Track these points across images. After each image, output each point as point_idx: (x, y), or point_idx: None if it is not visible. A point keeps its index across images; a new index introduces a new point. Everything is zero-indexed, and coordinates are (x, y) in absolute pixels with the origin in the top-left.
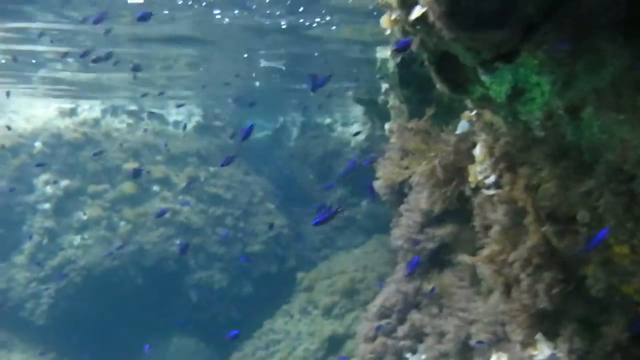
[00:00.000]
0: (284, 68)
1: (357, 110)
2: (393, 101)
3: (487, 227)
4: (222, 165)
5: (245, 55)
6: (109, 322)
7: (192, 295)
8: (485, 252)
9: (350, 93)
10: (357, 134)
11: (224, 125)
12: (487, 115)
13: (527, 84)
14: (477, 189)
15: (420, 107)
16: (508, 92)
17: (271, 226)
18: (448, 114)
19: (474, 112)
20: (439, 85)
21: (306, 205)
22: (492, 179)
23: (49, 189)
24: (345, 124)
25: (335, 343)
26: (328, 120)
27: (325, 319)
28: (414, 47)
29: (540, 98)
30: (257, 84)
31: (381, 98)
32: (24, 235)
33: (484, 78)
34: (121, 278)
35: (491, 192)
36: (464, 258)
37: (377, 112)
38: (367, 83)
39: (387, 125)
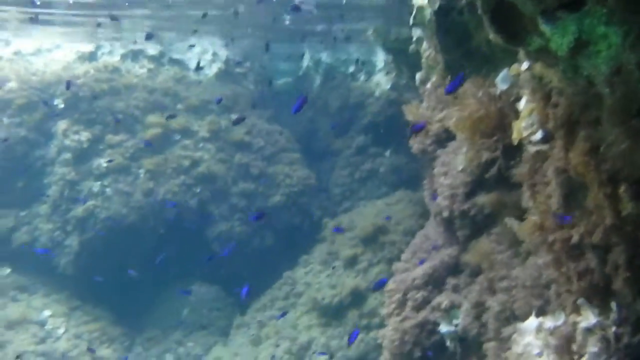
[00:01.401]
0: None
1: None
2: (428, 51)
3: (535, 188)
4: (235, 124)
5: None
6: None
7: (213, 246)
8: (535, 217)
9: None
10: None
11: (246, 72)
12: (537, 68)
13: (593, 36)
14: (520, 145)
15: (458, 57)
16: (571, 44)
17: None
18: (487, 66)
19: (523, 65)
20: (492, 36)
21: (329, 155)
22: (539, 134)
23: (68, 139)
24: (369, 73)
25: (358, 298)
26: (351, 69)
27: (347, 271)
28: None
29: (607, 51)
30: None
31: (412, 47)
32: (44, 185)
33: (545, 28)
34: (143, 228)
35: (539, 147)
36: (512, 223)
37: (406, 62)
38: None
39: (418, 75)
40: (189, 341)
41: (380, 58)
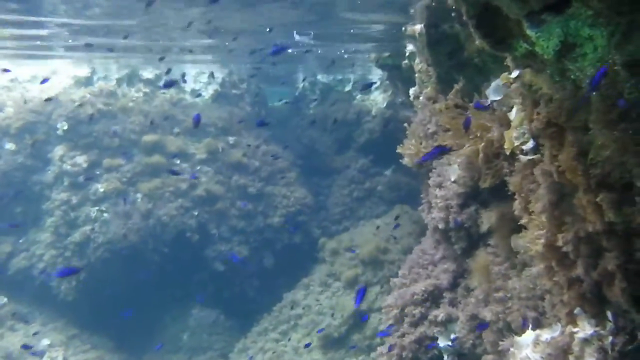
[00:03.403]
0: (312, 42)
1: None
2: (420, 65)
3: (527, 199)
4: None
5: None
6: (130, 296)
7: (216, 267)
8: (531, 231)
9: (372, 55)
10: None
11: (242, 93)
12: (527, 75)
13: (579, 38)
14: (512, 156)
15: (450, 70)
16: (556, 47)
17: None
18: (480, 76)
19: (513, 74)
20: (478, 42)
21: (326, 176)
22: (530, 144)
23: (65, 164)
24: (364, 91)
25: (358, 318)
26: (348, 88)
27: (347, 292)
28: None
29: (593, 53)
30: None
31: (405, 62)
32: (42, 211)
33: (530, 32)
34: (141, 252)
35: (530, 157)
36: (515, 241)
37: (400, 77)
38: (390, 46)
39: (412, 91)
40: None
41: (377, 76)
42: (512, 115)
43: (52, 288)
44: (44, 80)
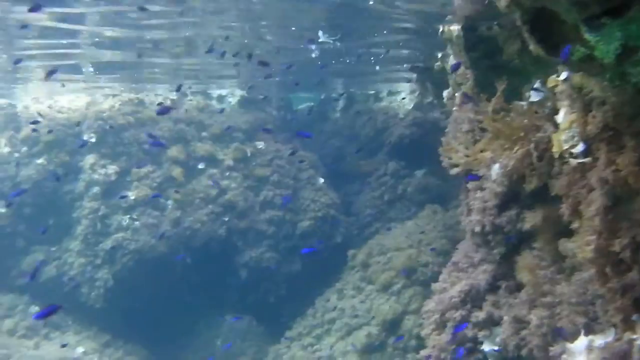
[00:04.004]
0: (338, 44)
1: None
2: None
3: (577, 203)
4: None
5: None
6: (161, 302)
7: (242, 274)
8: (581, 235)
9: (406, 66)
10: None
11: (268, 98)
12: (576, 78)
13: None
14: (561, 158)
15: (487, 72)
16: (617, 51)
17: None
18: (519, 79)
19: (562, 76)
20: (532, 47)
21: (354, 181)
22: (580, 147)
23: (96, 173)
24: (391, 93)
25: (393, 322)
26: (372, 91)
27: (381, 295)
28: (501, 5)
29: None
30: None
31: (437, 64)
32: (73, 220)
33: (589, 36)
34: (172, 259)
35: (580, 160)
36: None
37: (431, 79)
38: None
39: (445, 93)
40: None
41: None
42: (560, 118)
43: (82, 295)
44: None
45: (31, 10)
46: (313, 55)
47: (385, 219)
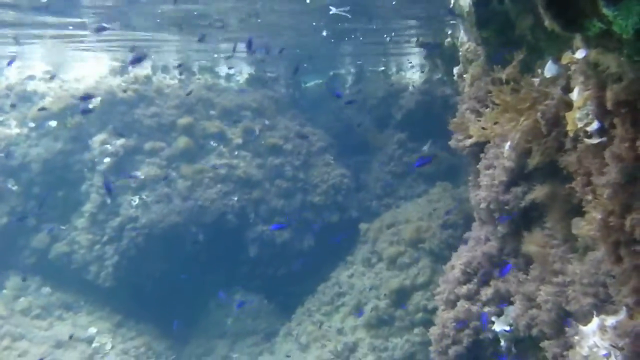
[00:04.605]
0: (349, 16)
1: (414, 57)
2: (468, 44)
3: (590, 181)
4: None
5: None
6: (172, 280)
7: (253, 250)
8: (594, 213)
9: (414, 40)
10: None
11: (277, 76)
12: (592, 54)
13: None
14: (576, 138)
15: (500, 49)
16: (636, 26)
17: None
18: (532, 55)
19: (578, 54)
20: (547, 22)
21: (365, 153)
22: (595, 125)
23: (105, 148)
24: (401, 70)
25: (402, 295)
26: (382, 68)
27: (390, 270)
28: None
29: None
30: (324, 33)
31: (447, 40)
32: (82, 196)
33: (607, 11)
34: (182, 236)
35: (595, 140)
36: (575, 222)
37: (440, 55)
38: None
39: (456, 70)
40: (235, 351)
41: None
42: (575, 95)
43: (90, 273)
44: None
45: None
46: (323, 34)
47: (395, 195)
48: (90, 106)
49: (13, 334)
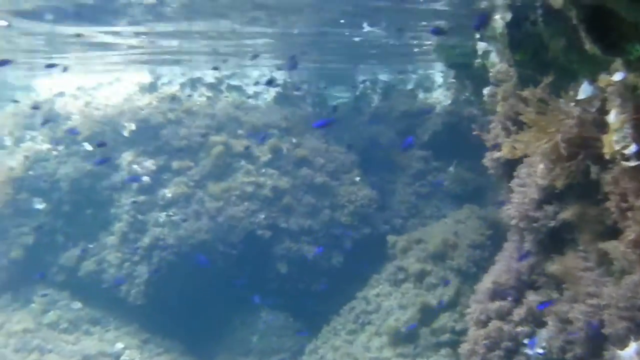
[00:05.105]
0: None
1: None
2: (499, 65)
3: (626, 203)
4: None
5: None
6: (199, 299)
7: (281, 267)
8: (630, 235)
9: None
10: None
11: (304, 95)
12: (631, 77)
13: None
14: (612, 161)
15: (532, 70)
16: None
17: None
18: (564, 78)
19: (615, 76)
20: (588, 46)
21: (390, 171)
22: (633, 148)
23: (133, 169)
24: (427, 90)
25: (428, 315)
26: (410, 86)
27: (417, 289)
28: (557, 2)
29: None
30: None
31: (477, 61)
32: (111, 216)
33: None
34: (210, 253)
35: (633, 163)
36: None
37: (469, 76)
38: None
39: (486, 90)
40: None
41: (439, 73)
42: (612, 118)
43: (121, 291)
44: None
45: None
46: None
47: (421, 215)
48: (125, 133)
49: (42, 347)
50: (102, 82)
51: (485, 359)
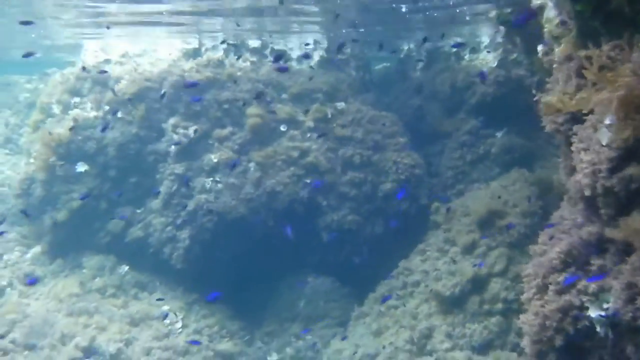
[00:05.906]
0: None
1: (485, 36)
2: (557, 18)
3: None
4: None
5: None
6: (243, 265)
7: (324, 235)
8: None
9: (493, 14)
10: None
11: (347, 59)
12: None
13: None
14: None
15: (593, 22)
16: None
17: None
18: (629, 29)
19: None
20: None
21: (436, 140)
22: None
23: (178, 134)
24: (474, 50)
25: (478, 284)
26: (454, 49)
27: (465, 257)
28: None
29: None
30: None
31: None
32: (157, 181)
33: None
34: (253, 221)
35: None
36: None
37: (521, 34)
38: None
39: (540, 47)
40: (308, 334)
41: (485, 36)
42: None
43: (164, 254)
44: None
45: None
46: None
47: (467, 180)
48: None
49: (90, 311)
50: (147, 49)
51: (556, 329)
